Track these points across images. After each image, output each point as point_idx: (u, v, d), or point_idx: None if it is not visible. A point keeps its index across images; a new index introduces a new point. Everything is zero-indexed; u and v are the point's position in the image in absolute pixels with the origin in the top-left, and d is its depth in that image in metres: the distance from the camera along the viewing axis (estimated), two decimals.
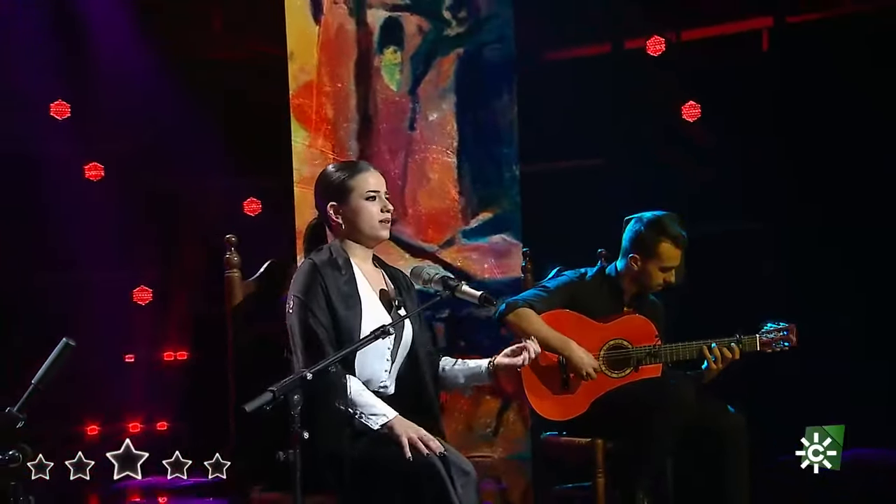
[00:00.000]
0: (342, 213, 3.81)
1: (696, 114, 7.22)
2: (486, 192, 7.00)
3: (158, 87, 7.41)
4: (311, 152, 7.02)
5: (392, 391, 3.84)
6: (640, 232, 4.73)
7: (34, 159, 7.63)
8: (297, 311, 3.64)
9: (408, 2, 7.06)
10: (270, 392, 3.12)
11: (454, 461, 3.58)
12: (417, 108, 7.06)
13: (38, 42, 7.51)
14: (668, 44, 7.36)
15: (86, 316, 7.78)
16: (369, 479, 3.54)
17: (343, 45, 7.10)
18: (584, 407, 4.63)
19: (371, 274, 3.86)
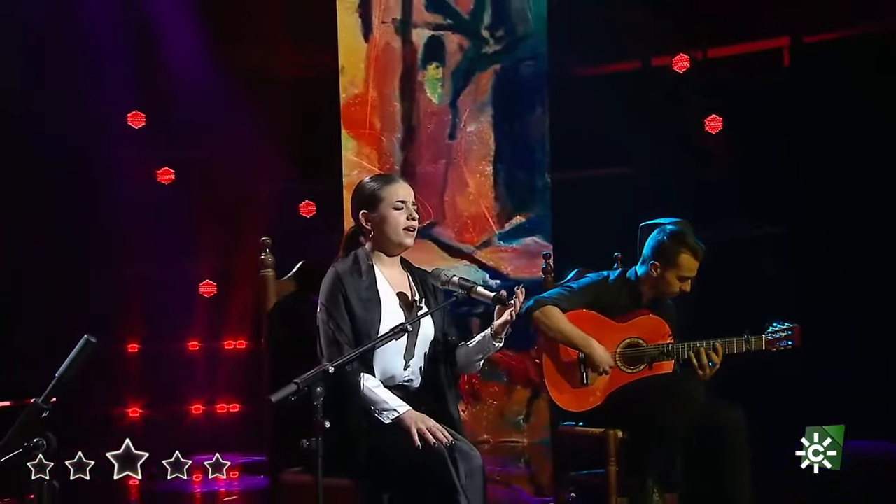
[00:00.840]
0: (371, 220, 3.76)
1: (717, 126, 7.07)
2: (519, 198, 6.96)
3: (224, 100, 7.39)
4: (359, 160, 7.01)
5: (417, 385, 3.77)
6: (663, 242, 4.61)
7: (112, 164, 7.66)
8: (322, 315, 3.63)
9: (450, 21, 7.02)
10: (295, 384, 3.10)
11: (462, 449, 3.51)
12: (457, 120, 7.03)
13: (118, 59, 7.55)
14: (692, 61, 7.22)
15: (158, 306, 7.82)
16: (383, 465, 3.50)
17: (389, 61, 7.08)
18: (600, 400, 4.54)
19: (394, 277, 3.80)
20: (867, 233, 6.57)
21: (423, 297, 3.81)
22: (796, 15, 7.15)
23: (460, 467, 3.43)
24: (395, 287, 3.77)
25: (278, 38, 7.53)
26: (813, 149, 6.75)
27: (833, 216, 6.69)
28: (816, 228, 6.72)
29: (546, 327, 4.52)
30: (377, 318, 3.63)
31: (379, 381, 3.62)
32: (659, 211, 5.50)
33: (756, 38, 7.32)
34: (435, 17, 7.05)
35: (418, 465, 3.42)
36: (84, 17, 7.46)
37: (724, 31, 7.21)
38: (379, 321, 3.63)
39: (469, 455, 3.51)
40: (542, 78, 6.98)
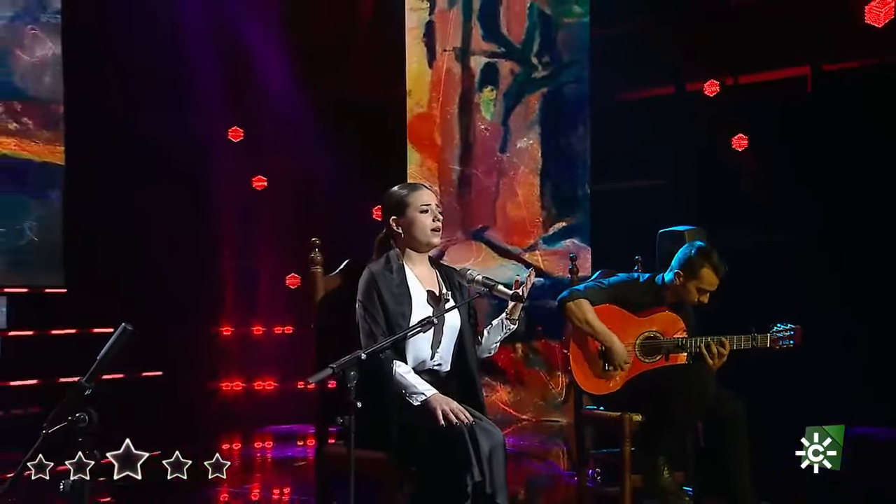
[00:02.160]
0: (401, 224, 3.67)
1: (743, 144, 6.85)
2: (562, 206, 6.87)
3: (308, 117, 7.39)
4: (422, 171, 6.98)
5: (447, 369, 3.68)
6: (690, 256, 4.46)
7: (215, 172, 7.72)
8: (359, 310, 3.56)
9: (503, 49, 6.97)
10: (330, 368, 3.04)
11: (484, 428, 3.40)
12: (508, 137, 6.95)
13: (221, 84, 7.62)
14: (723, 86, 7.01)
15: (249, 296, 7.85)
16: (411, 441, 3.42)
17: (450, 85, 7.04)
18: (619, 385, 4.41)
19: (423, 275, 3.70)
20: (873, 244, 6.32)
21: (449, 291, 3.72)
22: (817, 46, 6.88)
23: (482, 444, 3.33)
24: (424, 283, 3.68)
25: (355, 64, 7.52)
26: (826, 166, 6.50)
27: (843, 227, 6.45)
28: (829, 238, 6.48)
29: (576, 318, 4.40)
30: (408, 311, 3.55)
31: (410, 367, 3.54)
32: (686, 218, 5.35)
33: (780, 66, 7.04)
34: (490, 45, 7.01)
35: (441, 442, 3.34)
36: (191, 50, 7.57)
37: (752, 59, 6.97)
38: (409, 314, 3.54)
39: (491, 433, 3.41)
40: (585, 100, 6.87)
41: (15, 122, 7.31)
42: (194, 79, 7.53)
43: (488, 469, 3.31)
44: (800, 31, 6.75)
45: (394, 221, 3.69)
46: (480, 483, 3.29)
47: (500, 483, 3.36)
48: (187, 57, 7.52)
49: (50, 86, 7.50)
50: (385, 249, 3.74)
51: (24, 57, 7.37)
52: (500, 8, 6.99)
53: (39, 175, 7.41)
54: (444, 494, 3.33)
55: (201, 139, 7.69)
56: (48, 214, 7.44)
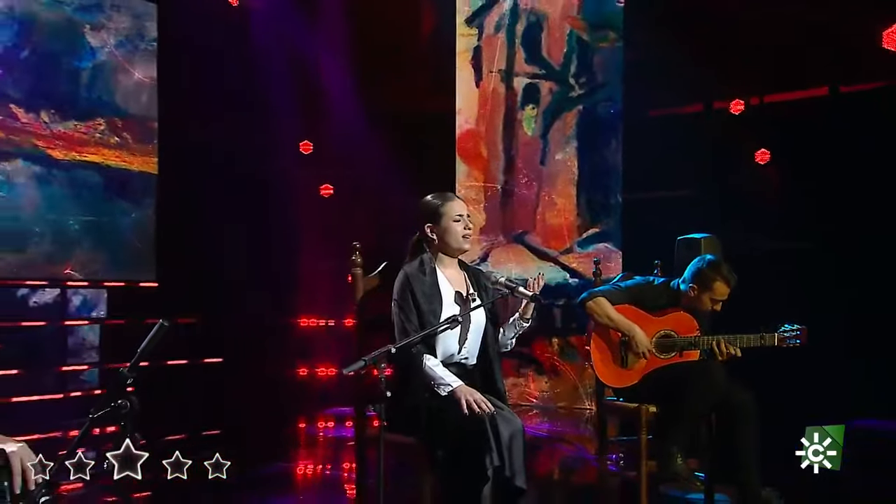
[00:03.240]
0: (436, 231, 3.61)
1: (766, 158, 6.64)
2: (595, 213, 6.75)
3: (370, 132, 7.37)
4: (469, 181, 6.91)
5: (473, 362, 3.62)
6: (703, 270, 4.32)
7: (287, 181, 7.74)
8: (394, 308, 3.53)
9: (544, 71, 6.88)
10: (363, 360, 2.99)
11: (505, 417, 3.34)
12: (547, 150, 6.86)
13: (293, 102, 7.64)
14: (747, 105, 6.81)
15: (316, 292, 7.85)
16: (438, 428, 3.37)
17: (495, 103, 6.97)
18: (636, 379, 4.29)
19: (453, 276, 3.64)
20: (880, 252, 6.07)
21: (475, 292, 3.65)
22: (836, 69, 6.63)
23: (503, 431, 3.27)
24: (453, 285, 3.62)
25: (410, 85, 7.45)
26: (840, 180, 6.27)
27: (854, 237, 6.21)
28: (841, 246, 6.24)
29: (597, 314, 4.30)
30: (438, 309, 3.50)
31: (439, 360, 3.48)
32: (709, 226, 5.21)
33: (801, 87, 6.81)
34: (532, 67, 6.93)
35: (465, 429, 3.29)
36: (267, 73, 7.61)
37: (775, 80, 6.75)
38: (440, 313, 3.49)
39: (511, 421, 3.35)
40: (617, 117, 6.74)
41: (116, 136, 7.40)
42: (269, 98, 7.57)
43: (508, 454, 3.25)
44: (820, 55, 6.52)
45: (429, 228, 3.63)
46: (500, 467, 3.23)
47: (518, 467, 3.28)
48: (263, 79, 7.57)
49: (146, 104, 7.58)
50: (418, 252, 3.68)
51: (124, 79, 7.46)
52: (542, 34, 6.91)
53: (136, 183, 7.49)
54: (466, 476, 3.27)
55: (275, 151, 7.72)
56: (143, 218, 7.52)
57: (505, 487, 3.27)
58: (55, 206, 6.97)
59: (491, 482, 3.23)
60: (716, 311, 4.29)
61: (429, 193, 3.78)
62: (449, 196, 3.72)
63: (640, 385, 4.29)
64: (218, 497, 4.85)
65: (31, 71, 6.85)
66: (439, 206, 3.64)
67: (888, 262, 5.96)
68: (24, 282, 6.82)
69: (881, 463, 4.83)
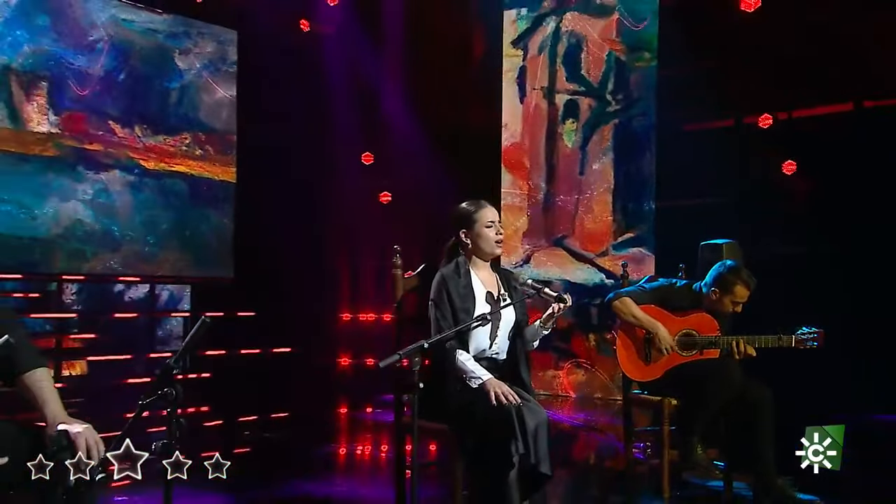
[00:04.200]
0: (470, 236, 3.55)
1: (792, 169, 6.42)
2: (630, 219, 6.61)
3: (423, 144, 7.34)
4: (513, 190, 6.83)
5: (503, 357, 3.55)
6: (724, 274, 4.19)
7: (350, 189, 7.76)
8: (431, 307, 3.47)
9: (583, 88, 6.76)
10: (398, 354, 2.94)
11: (531, 408, 3.27)
12: (586, 161, 6.74)
13: (355, 118, 7.66)
14: (774, 119, 6.59)
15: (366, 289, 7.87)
16: (469, 417, 3.31)
17: (538, 118, 6.88)
18: (659, 374, 4.18)
19: (485, 278, 3.57)
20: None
21: (506, 292, 3.58)
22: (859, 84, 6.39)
23: (528, 422, 3.20)
24: (485, 285, 3.55)
25: (460, 100, 7.40)
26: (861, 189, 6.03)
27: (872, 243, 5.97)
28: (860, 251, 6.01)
29: (622, 313, 4.20)
30: (472, 308, 3.43)
31: (471, 355, 3.42)
32: (736, 231, 5.06)
33: (827, 102, 6.57)
34: (572, 85, 6.82)
35: (493, 419, 3.22)
36: (332, 92, 7.66)
37: (802, 96, 6.53)
38: (473, 311, 3.42)
39: (536, 412, 3.27)
40: (651, 130, 6.59)
41: (200, 148, 7.51)
42: (335, 114, 7.61)
43: (533, 443, 3.18)
44: (845, 73, 6.28)
45: (463, 234, 3.58)
46: (525, 455, 3.17)
47: (542, 454, 3.21)
48: (330, 97, 7.61)
49: (226, 120, 7.69)
50: (453, 256, 3.63)
51: (207, 98, 7.57)
52: (582, 54, 6.79)
53: (217, 190, 7.59)
54: (493, 463, 3.21)
55: (339, 162, 7.75)
56: (222, 221, 7.62)
57: (531, 473, 3.21)
58: (146, 211, 7.11)
59: (517, 468, 3.18)
60: (736, 313, 4.16)
61: (476, 200, 3.72)
62: (482, 203, 3.66)
63: (662, 380, 4.19)
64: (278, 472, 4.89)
65: (126, 91, 7.00)
66: (472, 212, 3.58)
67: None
68: (119, 278, 6.98)
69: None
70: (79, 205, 6.68)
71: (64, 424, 2.12)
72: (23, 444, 2.06)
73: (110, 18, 6.88)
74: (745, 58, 6.43)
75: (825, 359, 4.29)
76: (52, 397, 2.19)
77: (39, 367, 2.24)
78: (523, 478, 3.20)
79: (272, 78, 7.49)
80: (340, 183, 7.71)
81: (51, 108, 6.50)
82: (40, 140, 6.45)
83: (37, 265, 6.42)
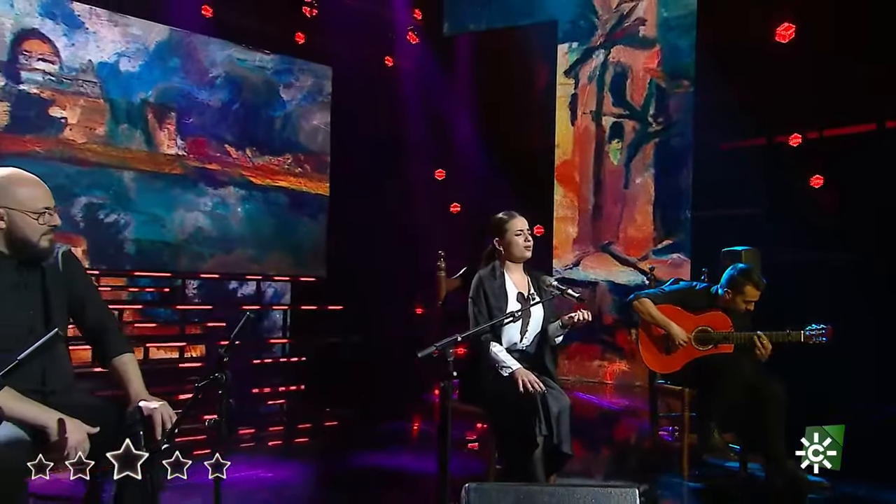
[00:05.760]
0: (502, 243, 3.56)
1: (819, 183, 6.15)
2: (669, 227, 6.45)
3: (487, 162, 7.33)
4: (566, 202, 6.77)
5: (533, 350, 3.54)
6: (734, 276, 4.09)
7: (426, 202, 7.82)
8: (470, 304, 3.49)
9: (627, 112, 6.65)
10: (435, 347, 2.96)
11: (554, 395, 3.25)
12: (629, 176, 6.62)
13: (431, 139, 7.72)
14: (803, 138, 6.32)
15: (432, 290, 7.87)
16: (500, 401, 3.32)
17: (587, 138, 6.79)
18: (678, 367, 4.09)
19: (517, 280, 3.57)
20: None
21: (535, 292, 3.56)
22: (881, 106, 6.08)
23: (552, 407, 3.19)
24: (517, 286, 3.55)
25: (520, 124, 7.37)
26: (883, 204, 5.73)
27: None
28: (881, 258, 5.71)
29: (640, 311, 4.14)
30: (504, 306, 3.44)
31: (504, 347, 3.43)
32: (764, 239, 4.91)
33: (853, 123, 6.27)
34: (618, 109, 6.69)
35: (520, 404, 3.23)
36: (410, 117, 7.71)
37: (828, 117, 6.25)
38: (505, 309, 3.43)
39: (559, 398, 3.26)
40: (688, 148, 6.42)
41: (299, 167, 7.73)
42: (412, 136, 7.68)
43: (556, 425, 3.17)
44: (868, 95, 5.99)
45: (497, 241, 3.59)
46: (548, 436, 3.16)
47: (565, 435, 3.20)
48: (408, 122, 7.69)
49: (321, 143, 7.89)
50: (491, 260, 3.65)
51: (306, 124, 7.78)
52: (627, 82, 6.68)
53: (313, 203, 7.80)
54: (520, 442, 3.22)
55: (415, 178, 7.79)
56: (317, 228, 7.82)
57: (554, 452, 3.20)
58: (255, 220, 7.37)
59: (541, 448, 3.17)
60: (749, 311, 4.03)
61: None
62: (513, 214, 3.66)
63: (681, 372, 4.11)
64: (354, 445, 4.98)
65: (239, 119, 7.28)
66: (505, 222, 3.59)
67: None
68: (232, 276, 7.24)
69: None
70: (200, 215, 6.97)
71: (143, 401, 2.23)
72: (111, 418, 2.19)
73: (227, 59, 7.16)
74: (776, 84, 6.19)
75: (841, 354, 4.12)
76: (135, 378, 2.29)
77: (126, 353, 2.36)
78: (547, 456, 3.19)
79: (360, 107, 7.64)
80: (417, 195, 7.77)
81: (178, 134, 6.81)
82: (169, 161, 6.76)
83: (166, 265, 6.73)
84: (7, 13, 5.78)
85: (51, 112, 6.04)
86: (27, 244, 2.19)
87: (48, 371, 2.17)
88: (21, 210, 2.18)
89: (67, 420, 2.04)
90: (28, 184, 2.22)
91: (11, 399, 2.03)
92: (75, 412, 2.11)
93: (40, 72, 5.97)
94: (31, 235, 2.20)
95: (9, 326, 2.15)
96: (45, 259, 2.25)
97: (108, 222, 6.43)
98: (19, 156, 5.74)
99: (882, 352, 5.10)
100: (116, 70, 6.41)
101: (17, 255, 2.21)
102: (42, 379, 2.16)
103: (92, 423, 2.10)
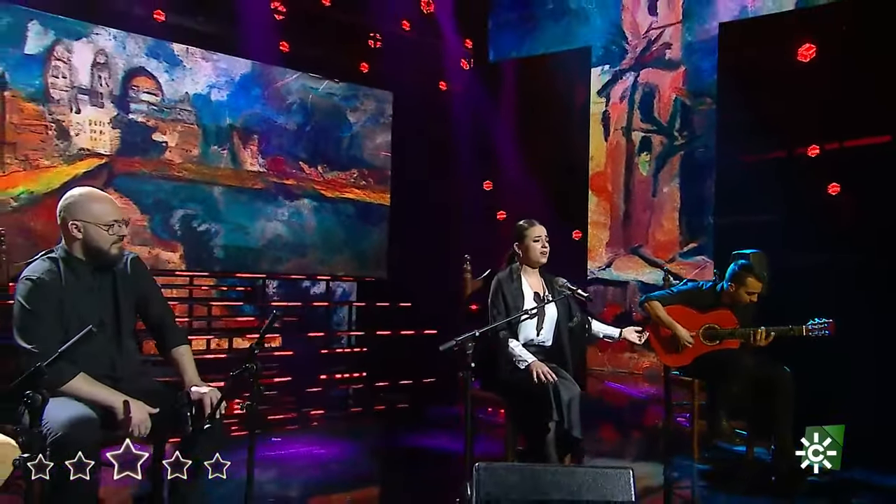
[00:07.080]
0: (521, 248, 3.59)
1: (836, 190, 5.86)
2: (693, 232, 6.30)
3: (526, 172, 7.24)
4: (599, 209, 6.69)
5: (549, 345, 3.55)
6: (737, 271, 4.04)
7: (476, 210, 7.81)
8: (489, 304, 3.52)
9: (655, 127, 6.52)
10: (455, 341, 3.02)
11: (566, 385, 3.27)
12: (657, 185, 6.49)
13: (477, 154, 7.71)
14: (821, 149, 6.03)
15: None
16: (516, 390, 3.36)
17: (618, 151, 6.70)
18: (688, 361, 4.05)
19: (533, 282, 3.60)
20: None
21: (550, 293, 3.56)
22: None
23: (563, 395, 3.22)
24: (533, 287, 3.57)
25: (556, 138, 7.27)
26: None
27: None
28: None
29: (650, 313, 4.11)
30: (521, 306, 3.48)
31: (521, 342, 3.44)
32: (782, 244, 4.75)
33: (868, 135, 5.94)
34: (646, 125, 6.57)
35: (534, 392, 3.26)
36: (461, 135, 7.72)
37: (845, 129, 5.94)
38: (522, 308, 3.46)
39: (571, 388, 3.28)
40: (711, 160, 6.26)
41: (364, 181, 7.86)
42: (462, 152, 7.71)
43: (567, 412, 3.19)
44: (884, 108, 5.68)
45: (516, 246, 3.62)
46: (559, 422, 3.16)
47: (575, 421, 3.22)
48: (459, 139, 7.71)
49: (383, 160, 8.00)
50: (510, 263, 3.67)
51: (369, 144, 7.91)
52: (654, 100, 6.55)
53: (375, 212, 7.91)
54: (533, 428, 3.25)
55: (465, 188, 7.79)
56: (379, 235, 7.94)
57: (565, 436, 3.20)
58: (325, 228, 7.54)
59: (553, 432, 3.18)
60: (753, 303, 3.93)
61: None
62: (532, 222, 3.68)
63: (691, 365, 4.06)
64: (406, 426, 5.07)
65: (311, 139, 7.46)
66: (524, 229, 3.62)
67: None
68: (306, 277, 7.42)
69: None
70: (278, 224, 7.19)
71: (195, 387, 2.35)
72: (169, 400, 2.31)
73: (301, 87, 7.36)
74: (794, 100, 5.94)
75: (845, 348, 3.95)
76: (189, 367, 2.42)
77: (182, 344, 2.48)
78: (559, 439, 3.21)
79: (417, 127, 7.73)
80: (467, 204, 7.79)
81: (260, 153, 7.05)
82: (252, 176, 7.00)
83: (249, 267, 6.96)
84: (120, 55, 6.11)
85: (154, 137, 6.36)
86: (100, 252, 2.35)
87: (117, 361, 2.31)
88: (95, 223, 2.33)
89: (132, 402, 2.17)
90: (100, 200, 2.37)
91: (85, 383, 2.17)
92: (140, 395, 2.25)
93: (146, 103, 6.28)
94: (103, 244, 2.35)
95: (85, 323, 2.30)
96: (116, 265, 2.39)
97: (201, 231, 6.71)
98: (129, 175, 6.09)
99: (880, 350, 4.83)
100: (208, 100, 6.68)
101: (92, 261, 2.36)
102: (112, 367, 2.30)
103: (153, 404, 2.23)
